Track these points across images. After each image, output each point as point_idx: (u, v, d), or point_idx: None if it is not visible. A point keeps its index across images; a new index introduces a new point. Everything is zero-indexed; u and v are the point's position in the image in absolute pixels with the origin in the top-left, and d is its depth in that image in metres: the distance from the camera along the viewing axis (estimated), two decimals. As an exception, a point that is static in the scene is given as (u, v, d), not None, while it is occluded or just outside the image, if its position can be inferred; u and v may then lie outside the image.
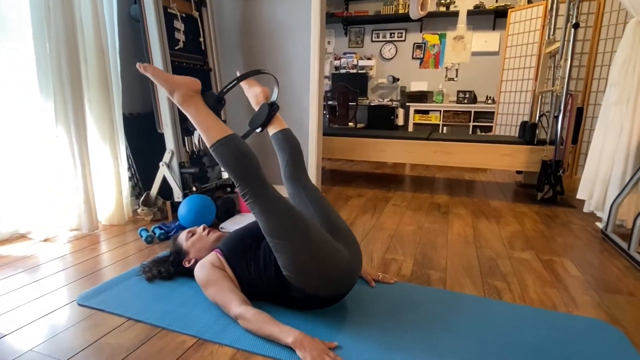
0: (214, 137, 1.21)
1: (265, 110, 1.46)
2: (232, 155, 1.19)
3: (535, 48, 4.07)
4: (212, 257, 1.30)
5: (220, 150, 1.20)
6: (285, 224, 1.15)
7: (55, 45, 1.83)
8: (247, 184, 1.18)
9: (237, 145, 1.20)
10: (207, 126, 1.22)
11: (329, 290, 1.19)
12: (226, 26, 2.86)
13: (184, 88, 1.25)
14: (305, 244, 1.14)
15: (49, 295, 1.37)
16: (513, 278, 1.59)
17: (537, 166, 2.95)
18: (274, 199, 1.18)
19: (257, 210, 1.18)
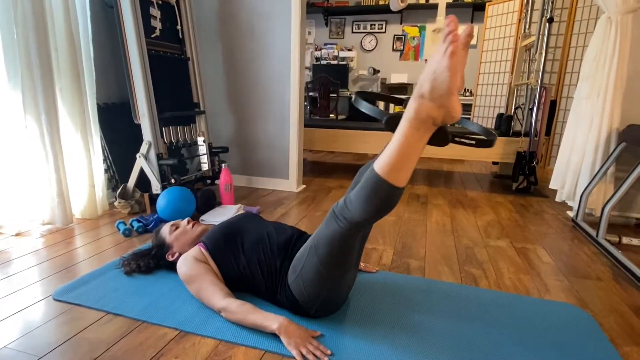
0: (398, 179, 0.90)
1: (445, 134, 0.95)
2: (386, 203, 0.93)
3: (511, 41, 4.15)
4: (195, 252, 1.28)
5: (386, 191, 0.91)
6: (341, 263, 1.08)
7: (23, 29, 1.74)
8: (361, 221, 0.98)
9: (396, 199, 0.95)
10: (405, 163, 0.88)
11: (316, 308, 1.16)
12: (205, 14, 2.80)
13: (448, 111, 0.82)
14: (338, 282, 1.11)
15: (22, 291, 1.33)
16: (489, 265, 1.65)
17: (512, 157, 3.04)
18: (354, 243, 1.06)
19: (338, 236, 1.02)
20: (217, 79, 2.90)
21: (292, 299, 1.16)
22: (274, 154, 2.87)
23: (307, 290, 1.12)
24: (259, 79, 2.79)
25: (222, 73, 2.87)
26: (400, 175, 0.89)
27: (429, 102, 0.81)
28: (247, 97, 2.85)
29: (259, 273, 1.22)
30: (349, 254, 1.07)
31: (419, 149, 0.88)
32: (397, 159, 0.87)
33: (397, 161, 0.88)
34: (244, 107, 2.88)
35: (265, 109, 2.83)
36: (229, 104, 2.91)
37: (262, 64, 2.75)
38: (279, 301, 1.21)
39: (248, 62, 2.78)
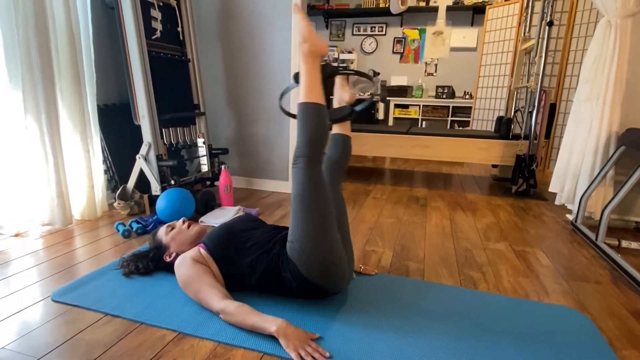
0: (310, 97, 1.24)
1: (346, 111, 1.55)
2: (315, 120, 1.22)
3: (511, 45, 4.16)
4: (193, 252, 1.28)
5: (307, 111, 1.22)
6: (316, 199, 1.19)
7: (24, 30, 1.75)
8: (309, 150, 1.20)
9: (323, 115, 1.24)
10: (311, 86, 1.25)
11: (319, 278, 1.20)
12: (205, 15, 2.81)
13: (316, 46, 1.29)
14: (322, 226, 1.18)
15: (21, 292, 1.32)
16: (488, 268, 1.65)
17: (511, 160, 3.04)
18: (319, 175, 1.21)
19: (300, 176, 1.20)
20: (217, 80, 2.90)
21: (295, 269, 1.19)
22: (274, 156, 2.87)
23: (302, 249, 1.17)
24: (259, 81, 2.79)
25: (222, 75, 2.88)
26: (312, 93, 1.24)
27: (304, 44, 1.28)
28: (247, 99, 2.86)
29: (262, 266, 1.23)
30: (321, 193, 1.19)
31: (316, 74, 1.27)
32: (305, 84, 1.25)
33: (306, 86, 1.25)
34: (244, 109, 2.88)
35: (265, 111, 2.83)
36: (229, 106, 2.92)
37: (262, 66, 2.76)
38: (284, 281, 1.23)
39: (248, 64, 2.79)
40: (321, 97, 1.25)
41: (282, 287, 1.26)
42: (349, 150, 1.56)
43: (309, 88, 1.25)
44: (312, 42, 1.28)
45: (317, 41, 1.29)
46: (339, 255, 1.21)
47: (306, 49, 1.28)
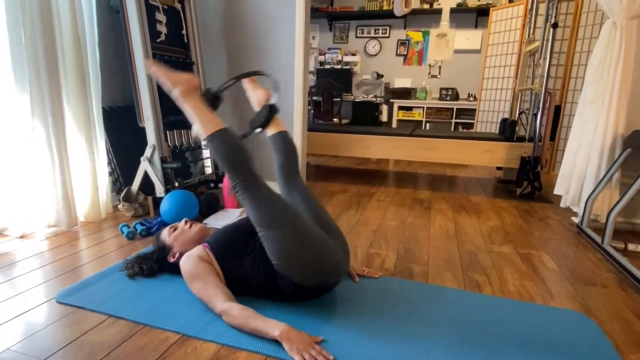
0: (209, 130, 1.26)
1: (265, 112, 1.55)
2: (225, 148, 1.24)
3: (515, 47, 4.15)
4: (199, 250, 1.29)
5: (214, 143, 1.25)
6: (275, 213, 1.19)
7: (31, 33, 1.76)
8: (238, 175, 1.22)
9: (230, 139, 1.26)
10: (203, 120, 1.28)
11: (315, 280, 1.20)
12: (209, 19, 2.82)
13: (183, 84, 1.32)
14: (294, 233, 1.18)
15: (26, 293, 1.33)
16: (492, 271, 1.64)
17: (516, 162, 3.03)
18: (264, 190, 1.22)
19: (247, 201, 1.21)
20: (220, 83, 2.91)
21: (289, 280, 1.19)
22: (278, 158, 2.87)
23: (289, 263, 1.17)
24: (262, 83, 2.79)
25: (226, 77, 2.88)
26: (208, 125, 1.27)
27: (174, 90, 1.31)
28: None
29: (260, 273, 1.23)
30: (276, 204, 1.21)
31: (200, 107, 1.31)
32: (198, 121, 1.28)
33: (199, 122, 1.28)
34: (248, 111, 2.89)
35: (269, 113, 2.83)
36: (233, 108, 2.92)
37: (267, 68, 2.76)
38: (282, 290, 1.23)
39: (252, 67, 2.80)
40: (217, 123, 1.28)
41: (281, 295, 1.25)
42: (290, 144, 1.55)
43: (202, 122, 1.28)
44: (180, 82, 1.32)
45: (183, 79, 1.32)
46: (326, 249, 1.21)
47: (178, 92, 1.31)
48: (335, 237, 1.32)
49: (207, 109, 1.32)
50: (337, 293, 1.37)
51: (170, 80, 1.32)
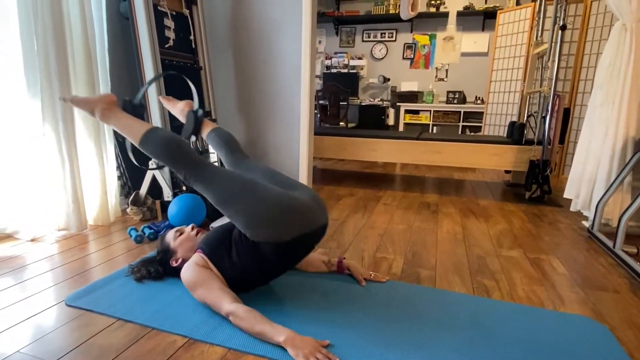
0: (138, 135, 1.30)
1: (192, 118, 1.59)
2: (159, 144, 1.26)
3: (523, 49, 4.12)
4: (196, 258, 1.29)
5: (147, 145, 1.28)
6: (230, 188, 1.21)
7: (43, 40, 1.80)
8: (182, 165, 1.24)
9: (160, 134, 1.28)
10: (130, 129, 1.33)
11: (290, 232, 1.19)
12: (217, 24, 2.85)
13: (100, 104, 1.37)
14: (252, 197, 1.19)
15: (36, 296, 1.35)
16: (501, 276, 1.62)
17: (525, 166, 3.00)
18: (211, 170, 1.25)
19: (201, 186, 1.24)
20: (228, 87, 2.93)
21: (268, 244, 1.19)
22: (284, 162, 2.88)
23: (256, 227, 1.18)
24: (269, 88, 2.82)
25: (234, 82, 2.91)
26: (136, 131, 1.30)
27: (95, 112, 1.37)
28: (258, 106, 2.88)
29: (247, 257, 1.24)
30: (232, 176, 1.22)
31: (123, 119, 1.35)
32: (126, 133, 1.33)
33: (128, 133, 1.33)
34: (255, 116, 2.90)
35: (275, 117, 2.85)
36: (240, 113, 2.94)
37: (273, 73, 2.78)
38: (271, 259, 1.23)
39: (259, 71, 2.82)
40: (143, 125, 1.32)
41: (275, 265, 1.26)
42: (227, 136, 1.57)
43: (129, 132, 1.32)
44: (96, 104, 1.36)
45: (98, 100, 1.37)
46: (288, 199, 1.21)
47: (99, 113, 1.36)
48: (300, 190, 1.33)
49: (130, 118, 1.36)
50: (343, 296, 1.37)
51: (88, 106, 1.37)
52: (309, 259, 1.57)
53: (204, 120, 1.61)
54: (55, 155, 1.90)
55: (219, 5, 2.81)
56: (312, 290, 1.41)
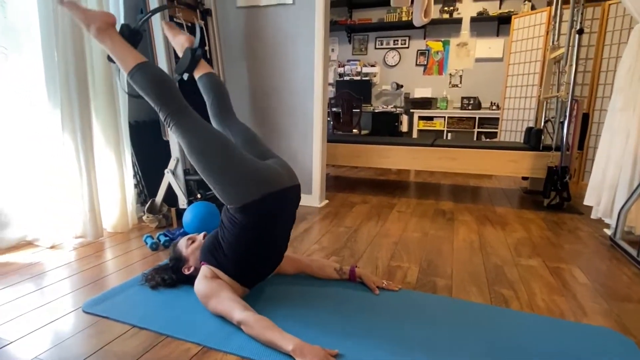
0: (129, 64, 1.27)
1: (188, 55, 1.54)
2: (149, 80, 1.25)
3: (539, 54, 4.06)
4: (204, 271, 1.31)
5: (137, 77, 1.26)
6: (204, 139, 1.23)
7: (63, 53, 1.85)
8: (167, 106, 1.25)
9: (152, 70, 1.27)
10: (122, 56, 1.28)
11: (257, 190, 1.22)
12: (231, 34, 2.89)
13: (98, 21, 1.29)
14: (224, 154, 1.22)
15: (54, 302, 1.37)
16: (520, 285, 1.58)
17: (543, 172, 2.93)
18: (193, 119, 1.25)
19: (179, 132, 1.24)
20: (242, 96, 2.97)
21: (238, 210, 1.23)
22: (297, 169, 2.89)
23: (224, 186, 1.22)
24: (283, 96, 2.84)
25: (248, 91, 2.94)
26: (128, 60, 1.27)
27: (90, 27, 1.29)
28: (271, 114, 2.90)
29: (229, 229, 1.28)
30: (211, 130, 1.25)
31: (119, 43, 1.29)
32: (117, 58, 1.29)
33: (119, 58, 1.28)
34: (268, 123, 2.92)
35: (288, 125, 2.86)
36: (254, 121, 2.97)
37: (286, 81, 2.80)
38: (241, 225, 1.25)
39: (273, 80, 2.84)
40: (137, 57, 1.28)
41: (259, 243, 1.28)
42: (219, 84, 1.56)
43: (122, 59, 1.28)
44: (94, 19, 1.28)
45: (98, 16, 1.30)
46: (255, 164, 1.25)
47: (94, 30, 1.28)
48: (271, 159, 1.37)
49: (126, 45, 1.30)
50: (355, 305, 1.35)
51: (84, 18, 1.29)
52: (321, 265, 1.56)
53: (200, 60, 1.57)
54: (74, 164, 1.95)
55: (233, 16, 2.86)
56: (323, 298, 1.40)
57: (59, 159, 1.95)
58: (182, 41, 1.64)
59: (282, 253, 1.43)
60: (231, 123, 1.50)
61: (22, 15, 1.85)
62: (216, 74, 1.58)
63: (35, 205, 1.95)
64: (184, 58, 1.55)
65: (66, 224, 2.01)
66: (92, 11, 1.31)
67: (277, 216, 1.30)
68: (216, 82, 1.56)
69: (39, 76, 1.88)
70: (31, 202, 1.94)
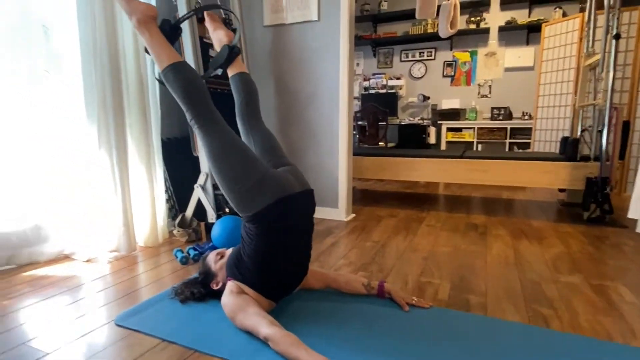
0: (164, 62, 1.29)
1: (225, 52, 1.55)
2: (180, 80, 1.28)
3: (573, 61, 3.92)
4: (230, 286, 1.32)
5: (169, 75, 1.29)
6: (223, 143, 1.26)
7: (101, 74, 1.95)
8: (194, 107, 1.28)
9: (185, 71, 1.30)
10: (159, 51, 1.31)
11: (270, 196, 1.23)
12: (258, 53, 2.96)
13: (139, 13, 1.32)
14: (239, 161, 1.24)
15: (89, 315, 1.41)
16: (560, 304, 1.48)
17: (581, 184, 2.79)
18: (217, 123, 1.29)
19: (202, 134, 1.28)
20: (269, 112, 3.02)
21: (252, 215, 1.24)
22: (323, 183, 2.88)
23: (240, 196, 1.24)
24: (308, 111, 2.86)
25: (274, 106, 2.99)
26: (163, 57, 1.29)
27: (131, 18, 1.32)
28: (296, 128, 2.93)
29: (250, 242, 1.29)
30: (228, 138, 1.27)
31: (157, 37, 1.32)
32: (153, 53, 1.31)
33: (155, 53, 1.31)
34: (294, 138, 2.95)
35: (314, 139, 2.88)
36: (280, 135, 3.00)
37: (312, 97, 2.83)
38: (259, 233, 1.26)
39: (298, 95, 2.88)
40: (174, 55, 1.30)
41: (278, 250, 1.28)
42: (251, 85, 1.57)
43: (157, 54, 1.30)
44: (136, 11, 1.30)
45: (141, 7, 1.31)
46: (265, 168, 1.28)
47: (135, 21, 1.31)
48: (285, 167, 1.39)
49: (163, 40, 1.32)
50: (385, 322, 1.31)
51: (128, 7, 1.32)
52: (348, 280, 1.53)
53: (237, 58, 1.58)
54: (109, 180, 2.03)
55: (260, 35, 2.93)
56: (351, 315, 1.37)
57: (95, 175, 2.04)
58: (221, 36, 1.65)
59: (305, 264, 1.42)
60: (255, 126, 1.52)
61: (63, 40, 1.97)
62: (249, 75, 1.60)
63: (72, 220, 2.03)
64: (221, 54, 1.56)
65: (101, 238, 2.08)
66: (135, 2, 1.34)
67: (291, 223, 1.30)
68: (248, 82, 1.58)
69: (78, 96, 1.99)
70: (68, 217, 2.03)
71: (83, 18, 1.89)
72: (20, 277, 1.76)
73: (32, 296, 1.56)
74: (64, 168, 2.01)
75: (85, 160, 2.03)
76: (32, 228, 1.94)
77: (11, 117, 1.84)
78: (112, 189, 2.03)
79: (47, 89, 1.93)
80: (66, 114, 2.00)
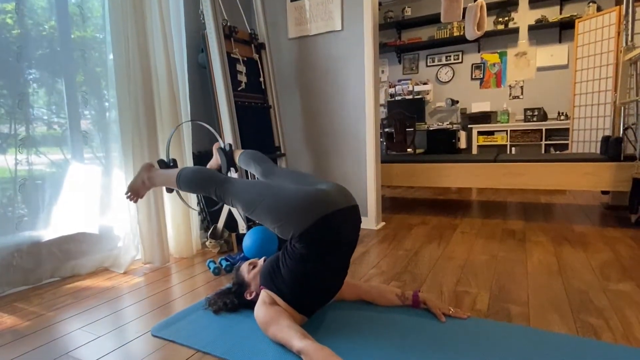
0: (173, 181, 1.56)
1: (222, 155, 1.91)
2: (188, 178, 1.51)
3: (610, 57, 3.73)
4: (263, 296, 1.32)
5: (181, 183, 1.53)
6: (249, 193, 1.35)
7: (134, 93, 2.04)
8: (211, 188, 1.46)
9: (185, 171, 1.54)
10: (168, 180, 1.61)
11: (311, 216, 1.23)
12: (284, 65, 3.01)
13: (143, 175, 1.68)
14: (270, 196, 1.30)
15: (126, 325, 1.44)
16: (611, 314, 1.38)
17: (626, 185, 2.62)
18: (233, 183, 1.42)
19: (230, 200, 1.41)
20: (295, 123, 3.05)
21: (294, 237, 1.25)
22: (353, 192, 2.86)
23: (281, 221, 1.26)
24: (334, 120, 2.86)
25: (300, 117, 3.01)
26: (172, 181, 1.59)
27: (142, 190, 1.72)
28: (324, 138, 2.93)
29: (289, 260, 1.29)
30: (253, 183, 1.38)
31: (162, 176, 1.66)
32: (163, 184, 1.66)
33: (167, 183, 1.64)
34: (321, 148, 2.95)
35: (341, 148, 2.87)
36: (307, 145, 3.02)
37: (338, 105, 2.83)
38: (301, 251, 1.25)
39: (324, 105, 2.89)
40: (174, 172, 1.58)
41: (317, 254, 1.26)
42: (252, 154, 1.77)
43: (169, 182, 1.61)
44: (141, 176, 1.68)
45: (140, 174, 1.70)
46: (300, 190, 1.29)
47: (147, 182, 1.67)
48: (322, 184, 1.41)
49: (164, 172, 1.64)
50: (422, 334, 1.26)
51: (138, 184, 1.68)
52: (381, 291, 1.49)
53: (232, 151, 1.90)
54: (145, 194, 2.09)
55: (286, 48, 2.98)
56: (386, 327, 1.33)
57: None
58: (214, 161, 1.98)
59: (342, 280, 1.40)
60: (277, 171, 1.62)
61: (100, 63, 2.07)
62: (245, 150, 1.85)
63: (110, 234, 2.11)
64: (222, 159, 1.92)
65: (137, 250, 2.15)
66: (135, 176, 1.70)
67: (336, 240, 1.27)
68: (250, 154, 1.79)
69: (113, 113, 2.08)
70: (107, 231, 2.11)
71: (116, 39, 1.99)
72: (64, 289, 1.83)
73: (74, 308, 1.62)
74: (100, 183, 2.09)
75: (122, 175, 2.11)
76: (75, 242, 2.03)
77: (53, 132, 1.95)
78: (145, 203, 2.10)
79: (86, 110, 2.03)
80: (102, 128, 2.09)
